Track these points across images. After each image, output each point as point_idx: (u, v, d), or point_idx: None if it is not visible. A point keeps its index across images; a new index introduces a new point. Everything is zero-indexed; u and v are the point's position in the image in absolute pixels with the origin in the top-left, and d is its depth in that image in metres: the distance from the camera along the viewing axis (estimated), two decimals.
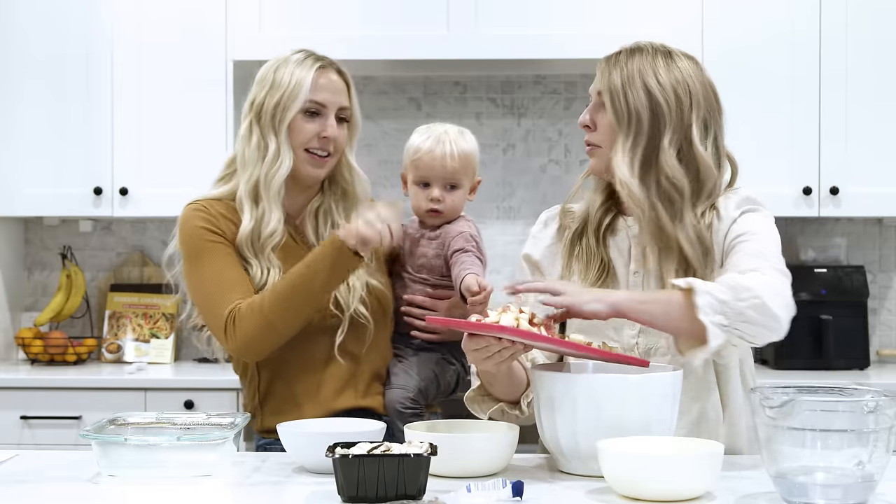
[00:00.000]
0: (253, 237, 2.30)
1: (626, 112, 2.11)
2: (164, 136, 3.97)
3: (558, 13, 3.90)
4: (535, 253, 2.29)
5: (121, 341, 4.22)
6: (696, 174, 2.13)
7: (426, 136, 2.42)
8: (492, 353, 1.93)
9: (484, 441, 1.96)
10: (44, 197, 4.02)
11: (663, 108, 2.11)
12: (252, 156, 2.33)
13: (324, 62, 2.37)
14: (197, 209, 2.33)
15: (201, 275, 2.29)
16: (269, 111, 2.32)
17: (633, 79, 2.12)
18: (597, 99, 2.17)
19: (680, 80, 2.14)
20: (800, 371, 3.86)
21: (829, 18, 3.88)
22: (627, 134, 2.11)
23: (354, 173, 2.43)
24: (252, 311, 2.22)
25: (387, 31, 3.91)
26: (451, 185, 2.41)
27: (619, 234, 2.21)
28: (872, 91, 3.89)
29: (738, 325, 1.90)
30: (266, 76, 2.36)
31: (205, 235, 2.29)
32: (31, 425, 3.73)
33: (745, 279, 1.93)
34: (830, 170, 3.90)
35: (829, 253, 4.20)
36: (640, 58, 2.14)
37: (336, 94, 2.36)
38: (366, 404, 2.33)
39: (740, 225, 2.12)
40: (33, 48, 3.98)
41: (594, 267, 2.18)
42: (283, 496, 1.84)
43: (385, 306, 2.40)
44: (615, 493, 1.78)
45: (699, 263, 2.10)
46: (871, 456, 1.66)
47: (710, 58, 3.89)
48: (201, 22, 3.96)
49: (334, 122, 2.35)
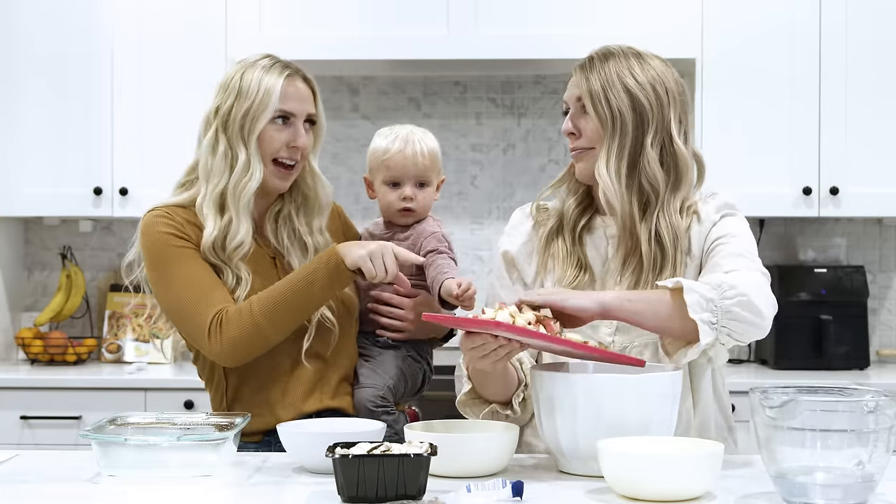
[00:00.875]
0: (216, 245, 2.26)
1: (609, 114, 2.14)
2: (164, 136, 3.97)
3: (558, 13, 3.91)
4: (511, 249, 2.30)
5: (121, 341, 4.22)
6: (676, 170, 2.18)
7: (393, 137, 2.44)
8: (488, 352, 1.93)
9: (484, 441, 1.96)
10: (44, 197, 4.02)
11: (645, 106, 2.15)
12: (218, 166, 2.29)
13: (291, 69, 2.33)
14: (160, 216, 2.29)
15: (173, 280, 2.25)
16: (237, 120, 2.28)
17: (612, 81, 2.15)
18: (576, 105, 2.20)
19: (656, 77, 2.17)
20: (800, 371, 3.86)
21: (829, 17, 3.88)
22: (613, 136, 2.14)
23: (317, 179, 2.40)
24: (241, 315, 2.20)
25: (387, 31, 3.91)
26: (422, 182, 2.44)
27: (596, 233, 2.23)
28: (873, 90, 3.89)
29: (726, 322, 1.95)
30: (231, 83, 2.31)
31: (171, 241, 2.26)
32: (31, 425, 3.73)
33: (730, 278, 1.99)
34: (830, 170, 3.90)
35: (829, 253, 4.20)
36: (614, 61, 2.18)
37: (303, 101, 2.32)
38: (335, 405, 2.32)
39: (720, 228, 2.18)
40: (34, 48, 3.98)
41: (571, 265, 2.20)
42: (283, 496, 1.84)
43: (351, 309, 2.39)
44: (615, 493, 1.78)
45: (655, 260, 2.13)
46: (871, 456, 1.65)
47: (709, 57, 3.90)
48: (201, 22, 3.96)
49: (303, 131, 2.32)
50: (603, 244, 2.22)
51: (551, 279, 2.22)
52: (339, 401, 2.34)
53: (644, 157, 2.15)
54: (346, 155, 4.36)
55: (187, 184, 2.37)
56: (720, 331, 1.94)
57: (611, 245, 2.21)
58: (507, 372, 2.12)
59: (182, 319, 2.27)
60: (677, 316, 1.95)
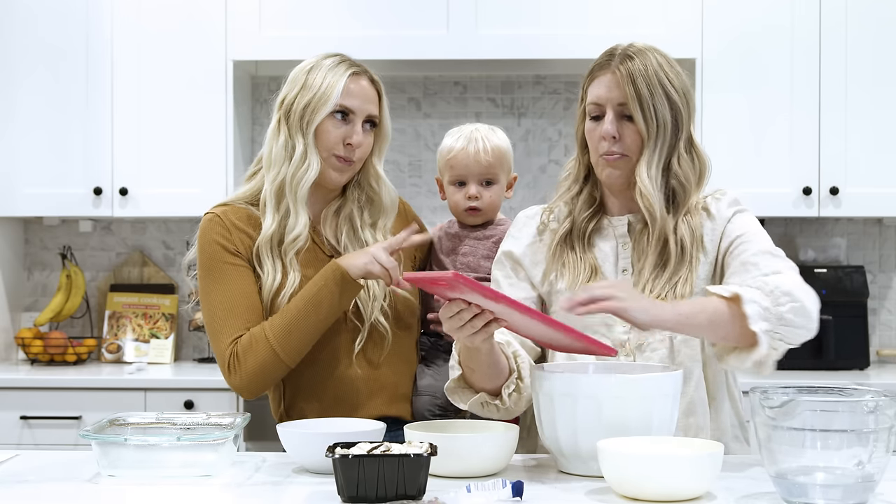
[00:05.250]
0: (274, 240, 2.27)
1: (655, 122, 2.12)
2: (163, 136, 3.97)
3: (558, 13, 3.91)
4: (517, 250, 2.27)
5: (121, 341, 4.22)
6: (699, 170, 2.19)
7: (458, 136, 2.44)
8: (464, 322, 1.91)
9: (484, 441, 1.96)
10: (44, 197, 4.02)
11: (680, 111, 2.15)
12: (279, 154, 2.30)
13: (358, 69, 2.34)
14: (212, 219, 2.30)
15: (210, 298, 2.26)
16: (298, 111, 2.29)
17: (655, 87, 2.12)
18: (618, 109, 2.14)
19: (685, 81, 2.17)
20: (800, 371, 3.86)
21: (829, 17, 3.88)
22: (656, 143, 2.13)
23: (381, 182, 2.38)
24: (256, 342, 2.20)
25: (387, 31, 3.92)
26: (487, 180, 2.42)
27: (605, 234, 2.22)
28: (872, 90, 3.89)
29: (780, 328, 1.96)
30: (298, 76, 2.32)
31: (218, 254, 2.26)
32: (31, 425, 3.74)
33: (780, 283, 1.99)
34: (830, 170, 3.90)
35: (829, 253, 4.20)
36: (650, 64, 2.13)
37: (366, 101, 2.32)
38: (392, 413, 2.30)
39: (737, 225, 2.17)
40: (33, 48, 3.98)
41: (582, 271, 2.17)
42: (283, 496, 1.84)
43: (406, 314, 2.36)
44: (615, 493, 1.78)
45: (677, 260, 2.13)
46: (870, 456, 1.66)
47: (709, 56, 3.90)
48: (201, 22, 3.96)
49: (360, 130, 2.31)
50: (612, 244, 2.21)
51: (562, 283, 2.20)
52: (397, 408, 2.32)
53: (676, 160, 2.15)
54: None
55: (254, 174, 2.37)
56: (774, 337, 1.96)
57: (620, 245, 2.19)
58: (494, 358, 2.07)
59: (211, 340, 2.29)
60: (736, 325, 1.96)
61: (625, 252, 2.19)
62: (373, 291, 2.30)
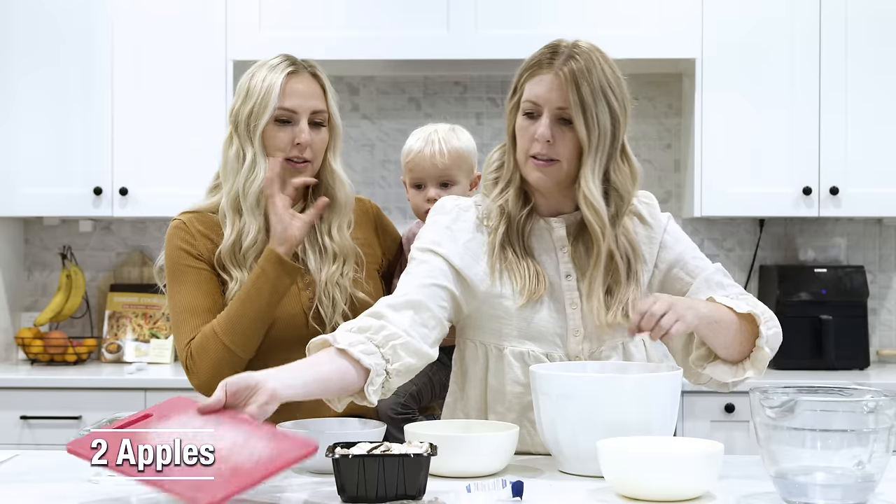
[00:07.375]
0: (234, 250, 2.27)
1: (597, 129, 2.05)
2: (163, 136, 3.97)
3: (558, 13, 3.90)
4: (454, 255, 2.11)
5: (121, 341, 4.22)
6: (633, 178, 2.13)
7: (417, 138, 2.43)
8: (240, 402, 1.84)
9: (484, 441, 1.96)
10: (44, 197, 4.02)
11: (619, 121, 2.09)
12: (232, 166, 2.30)
13: (296, 66, 2.31)
14: (178, 226, 2.31)
15: (173, 301, 2.29)
16: (243, 120, 2.28)
17: (598, 95, 2.05)
18: (556, 112, 2.06)
19: (625, 89, 2.10)
20: (800, 371, 3.86)
21: (829, 17, 3.88)
22: (596, 150, 2.06)
23: (336, 178, 2.35)
24: (206, 340, 2.21)
25: (387, 31, 3.92)
26: (444, 182, 2.41)
27: (542, 236, 2.16)
28: (872, 90, 3.89)
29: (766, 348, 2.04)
30: (243, 83, 2.31)
31: (181, 258, 2.28)
32: (31, 425, 3.73)
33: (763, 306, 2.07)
34: (830, 170, 3.90)
35: (829, 253, 4.20)
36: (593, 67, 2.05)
37: (307, 98, 2.29)
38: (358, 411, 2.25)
39: (674, 235, 2.20)
40: (33, 48, 3.98)
41: (526, 275, 2.11)
42: (283, 496, 1.84)
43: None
44: (615, 493, 1.78)
45: (625, 277, 2.11)
46: (870, 456, 1.66)
47: (709, 56, 3.90)
48: (201, 22, 3.96)
49: (306, 128, 2.27)
50: (550, 247, 2.15)
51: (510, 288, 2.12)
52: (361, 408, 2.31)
53: (614, 169, 2.09)
54: (346, 155, 4.31)
55: (215, 188, 2.37)
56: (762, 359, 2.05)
57: (559, 248, 2.14)
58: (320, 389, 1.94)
59: (174, 341, 2.32)
60: (744, 342, 2.03)
61: (564, 256, 2.14)
62: (335, 297, 2.29)
